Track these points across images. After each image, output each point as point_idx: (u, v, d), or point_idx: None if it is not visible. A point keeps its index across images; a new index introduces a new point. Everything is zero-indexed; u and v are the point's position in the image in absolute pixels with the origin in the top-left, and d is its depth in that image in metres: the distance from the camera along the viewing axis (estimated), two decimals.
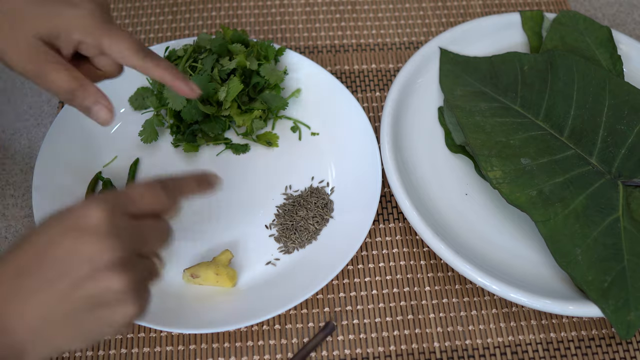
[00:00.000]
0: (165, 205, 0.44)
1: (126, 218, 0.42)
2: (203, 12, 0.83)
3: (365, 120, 0.70)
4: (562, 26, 0.77)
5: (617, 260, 0.60)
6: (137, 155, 0.70)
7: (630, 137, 0.67)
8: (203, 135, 0.70)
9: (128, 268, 0.40)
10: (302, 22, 0.83)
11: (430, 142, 0.72)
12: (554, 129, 0.68)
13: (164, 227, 0.45)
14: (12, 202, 0.68)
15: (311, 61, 0.74)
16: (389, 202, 0.69)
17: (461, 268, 0.60)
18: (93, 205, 0.41)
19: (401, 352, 0.60)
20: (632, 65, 0.77)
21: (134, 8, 0.83)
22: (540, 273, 0.63)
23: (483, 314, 0.63)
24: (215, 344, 0.60)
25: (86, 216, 0.40)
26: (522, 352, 0.61)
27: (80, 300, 0.40)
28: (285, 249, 0.65)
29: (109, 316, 0.41)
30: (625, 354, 0.61)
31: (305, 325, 0.62)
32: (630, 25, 0.85)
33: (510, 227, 0.66)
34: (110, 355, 0.59)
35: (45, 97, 0.75)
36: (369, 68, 0.79)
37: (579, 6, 0.87)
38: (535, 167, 0.64)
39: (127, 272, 0.40)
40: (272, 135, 0.71)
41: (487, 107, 0.70)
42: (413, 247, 0.66)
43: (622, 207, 0.62)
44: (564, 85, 0.70)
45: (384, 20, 0.83)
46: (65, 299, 0.39)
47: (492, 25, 0.79)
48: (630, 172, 0.65)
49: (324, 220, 0.66)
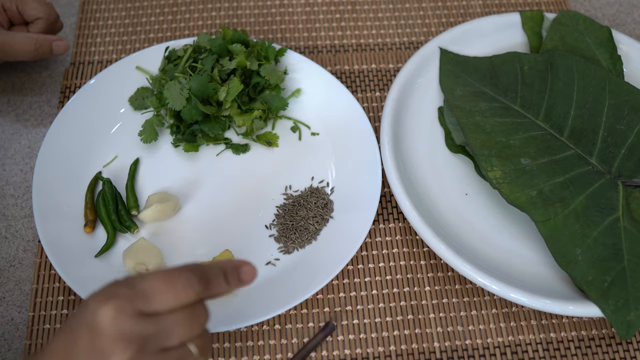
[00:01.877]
0: (192, 297, 0.42)
1: (137, 318, 0.40)
2: (203, 12, 0.83)
3: (365, 120, 0.70)
4: (562, 26, 0.77)
5: (617, 260, 0.60)
6: (137, 155, 0.70)
7: (630, 137, 0.67)
8: (203, 135, 0.70)
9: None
10: (302, 22, 0.83)
11: (430, 142, 0.72)
12: (554, 129, 0.68)
13: (194, 316, 0.42)
14: (12, 202, 0.68)
15: (311, 61, 0.74)
16: (389, 202, 0.69)
17: (461, 268, 0.60)
18: (104, 303, 0.40)
19: (401, 352, 0.60)
20: (632, 65, 0.77)
21: (134, 8, 0.83)
22: (540, 273, 0.63)
23: (483, 314, 0.63)
24: (215, 344, 0.60)
25: (98, 314, 0.40)
26: (522, 352, 0.61)
27: None
28: (285, 249, 0.65)
29: None
30: (625, 354, 0.61)
31: (305, 325, 0.62)
32: (630, 25, 0.85)
33: (510, 227, 0.66)
34: None
35: (45, 97, 0.75)
36: (369, 68, 0.79)
37: (579, 6, 0.87)
38: (535, 167, 0.64)
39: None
40: (272, 135, 0.71)
41: (487, 107, 0.70)
42: (413, 247, 0.66)
43: (622, 207, 0.62)
44: (564, 85, 0.70)
45: (384, 20, 0.83)
46: None
47: (492, 25, 0.79)
48: (630, 172, 0.65)
49: (324, 220, 0.66)
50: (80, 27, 0.81)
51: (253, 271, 0.47)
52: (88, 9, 0.83)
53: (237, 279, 0.46)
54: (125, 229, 0.65)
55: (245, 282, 0.46)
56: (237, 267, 0.46)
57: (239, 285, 0.46)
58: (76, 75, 0.77)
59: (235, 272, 0.46)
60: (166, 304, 0.41)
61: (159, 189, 0.68)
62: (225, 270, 0.45)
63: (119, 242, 0.64)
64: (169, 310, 0.41)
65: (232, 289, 0.46)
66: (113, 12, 0.83)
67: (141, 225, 0.65)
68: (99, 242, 0.64)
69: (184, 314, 0.42)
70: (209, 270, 0.44)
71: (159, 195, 0.65)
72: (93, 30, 0.81)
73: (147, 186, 0.68)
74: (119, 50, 0.79)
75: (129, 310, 0.40)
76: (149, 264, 0.60)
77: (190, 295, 0.42)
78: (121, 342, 0.39)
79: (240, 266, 0.46)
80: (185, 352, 0.42)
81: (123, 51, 0.79)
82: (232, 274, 0.45)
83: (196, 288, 0.42)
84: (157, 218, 0.65)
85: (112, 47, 0.79)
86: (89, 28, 0.81)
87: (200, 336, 0.44)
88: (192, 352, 0.43)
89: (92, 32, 0.81)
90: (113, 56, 0.79)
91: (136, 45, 0.80)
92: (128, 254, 0.61)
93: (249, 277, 0.46)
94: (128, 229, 0.64)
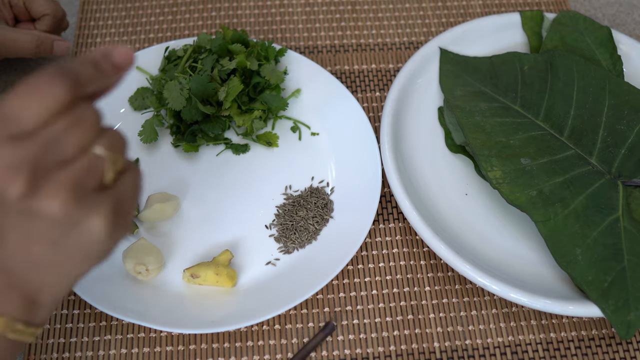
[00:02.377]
0: (62, 96, 0.36)
1: (12, 143, 0.35)
2: (203, 12, 0.83)
3: (365, 120, 0.70)
4: (562, 26, 0.77)
5: (617, 260, 0.60)
6: (137, 155, 0.70)
7: (630, 137, 0.67)
8: (203, 135, 0.70)
9: (41, 184, 0.35)
10: (302, 22, 0.83)
11: (430, 142, 0.72)
12: (554, 129, 0.68)
13: (81, 116, 0.37)
14: None
15: (311, 61, 0.74)
16: (389, 202, 0.69)
17: (461, 268, 0.60)
18: None
19: (401, 352, 0.60)
20: (632, 65, 0.77)
21: (134, 8, 0.83)
22: (540, 273, 0.63)
23: (483, 314, 0.63)
24: (215, 344, 0.60)
25: None
26: (522, 352, 0.61)
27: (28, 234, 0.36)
28: (285, 249, 0.65)
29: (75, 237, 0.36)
30: (625, 354, 0.61)
31: (305, 325, 0.62)
32: (630, 25, 0.85)
33: (510, 227, 0.66)
34: (110, 355, 0.59)
35: None
36: (369, 68, 0.79)
37: (579, 6, 0.87)
38: (535, 167, 0.64)
39: (43, 188, 0.35)
40: (272, 135, 0.71)
41: (487, 107, 0.70)
42: (413, 247, 0.66)
43: (622, 207, 0.62)
44: (564, 85, 0.70)
45: (384, 20, 0.83)
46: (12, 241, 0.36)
47: (492, 25, 0.79)
48: (630, 172, 0.65)
49: (324, 220, 0.66)
50: (80, 27, 0.81)
51: (128, 52, 0.40)
52: (88, 9, 0.83)
53: (110, 63, 0.39)
54: None
55: (121, 65, 0.40)
56: (108, 51, 0.39)
57: (115, 71, 0.40)
58: None
59: (106, 57, 0.39)
60: (37, 115, 0.36)
61: (159, 189, 0.68)
62: (93, 59, 0.39)
63: None
64: (45, 121, 0.36)
65: (108, 77, 0.39)
66: (113, 12, 0.83)
67: (141, 225, 0.65)
68: None
69: (66, 118, 0.36)
70: (73, 64, 0.38)
71: (159, 195, 0.65)
72: (93, 30, 0.81)
73: (147, 186, 0.68)
74: None
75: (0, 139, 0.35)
76: (149, 264, 0.60)
77: (59, 94, 0.36)
78: (7, 174, 0.35)
79: (110, 49, 0.39)
80: (91, 157, 0.37)
81: None
82: (104, 59, 0.39)
83: (64, 84, 0.36)
84: (157, 218, 0.65)
85: None
86: (89, 28, 0.81)
87: (100, 135, 0.38)
88: (99, 153, 0.37)
89: (92, 32, 0.81)
90: None
91: (136, 45, 0.80)
92: (128, 254, 0.61)
93: (123, 58, 0.40)
94: None
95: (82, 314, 0.61)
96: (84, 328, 0.60)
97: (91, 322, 0.61)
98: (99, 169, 0.37)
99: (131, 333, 0.60)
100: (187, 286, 0.62)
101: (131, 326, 0.61)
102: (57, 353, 0.59)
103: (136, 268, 0.60)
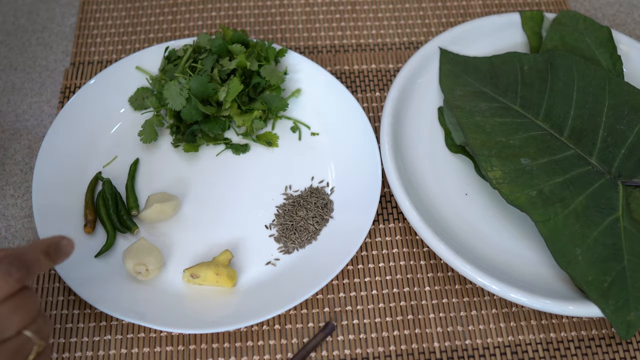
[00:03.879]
0: (14, 287, 0.42)
1: None
2: (203, 12, 0.83)
3: (365, 120, 0.70)
4: (562, 26, 0.77)
5: (617, 260, 0.60)
6: (137, 155, 0.70)
7: (630, 137, 0.67)
8: (203, 135, 0.70)
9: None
10: (302, 22, 0.83)
11: (430, 142, 0.72)
12: (554, 129, 0.68)
13: (23, 303, 0.42)
14: (12, 202, 0.68)
15: (311, 61, 0.74)
16: (389, 202, 0.69)
17: (461, 268, 0.60)
18: None
19: (401, 352, 0.60)
20: (632, 65, 0.77)
21: (134, 8, 0.83)
22: (540, 273, 0.63)
23: (483, 314, 0.63)
24: (215, 344, 0.60)
25: None
26: (522, 352, 0.61)
27: None
28: (285, 249, 0.65)
29: None
30: (625, 354, 0.61)
31: (305, 325, 0.62)
32: (630, 25, 0.85)
33: (510, 227, 0.66)
34: (110, 355, 0.59)
35: (45, 97, 0.75)
36: (369, 68, 0.79)
37: (579, 6, 0.87)
38: (535, 167, 0.64)
39: None
40: (272, 135, 0.71)
41: (487, 107, 0.70)
42: (413, 247, 0.66)
43: (622, 207, 0.62)
44: (564, 85, 0.70)
45: (384, 20, 0.83)
46: None
47: (492, 25, 0.79)
48: (630, 172, 0.65)
49: (324, 220, 0.66)
50: (80, 27, 0.81)
51: (70, 243, 0.47)
52: (88, 9, 0.83)
53: (59, 253, 0.46)
54: (125, 229, 0.65)
55: (67, 254, 0.47)
56: (56, 243, 0.46)
57: (63, 259, 0.47)
58: (76, 76, 0.77)
59: (56, 248, 0.46)
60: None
61: (159, 189, 0.68)
62: (45, 250, 0.45)
63: (119, 242, 0.64)
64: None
65: (57, 264, 0.46)
66: (113, 12, 0.83)
67: (141, 225, 0.65)
68: (99, 242, 0.64)
69: (10, 305, 0.41)
70: (26, 255, 0.43)
71: (159, 195, 0.65)
72: (93, 30, 0.81)
73: (147, 186, 0.68)
74: (119, 50, 0.79)
75: None
76: (149, 264, 0.60)
77: (12, 285, 0.41)
78: None
79: (57, 242, 0.47)
80: (22, 340, 0.42)
81: (123, 51, 0.79)
82: (55, 250, 0.46)
83: (16, 276, 0.42)
84: (157, 218, 0.65)
85: (112, 47, 0.79)
86: (89, 28, 0.81)
87: (34, 321, 0.44)
88: (30, 338, 0.43)
89: (92, 32, 0.81)
90: (113, 56, 0.79)
91: (136, 45, 0.80)
92: (128, 254, 0.61)
93: (69, 249, 0.47)
94: (128, 229, 0.64)
95: (82, 314, 0.61)
96: (84, 328, 0.60)
97: (91, 322, 0.61)
98: (27, 351, 0.43)
99: (131, 333, 0.60)
100: (187, 286, 0.62)
101: (131, 326, 0.61)
102: (57, 353, 0.59)
103: (136, 268, 0.60)
